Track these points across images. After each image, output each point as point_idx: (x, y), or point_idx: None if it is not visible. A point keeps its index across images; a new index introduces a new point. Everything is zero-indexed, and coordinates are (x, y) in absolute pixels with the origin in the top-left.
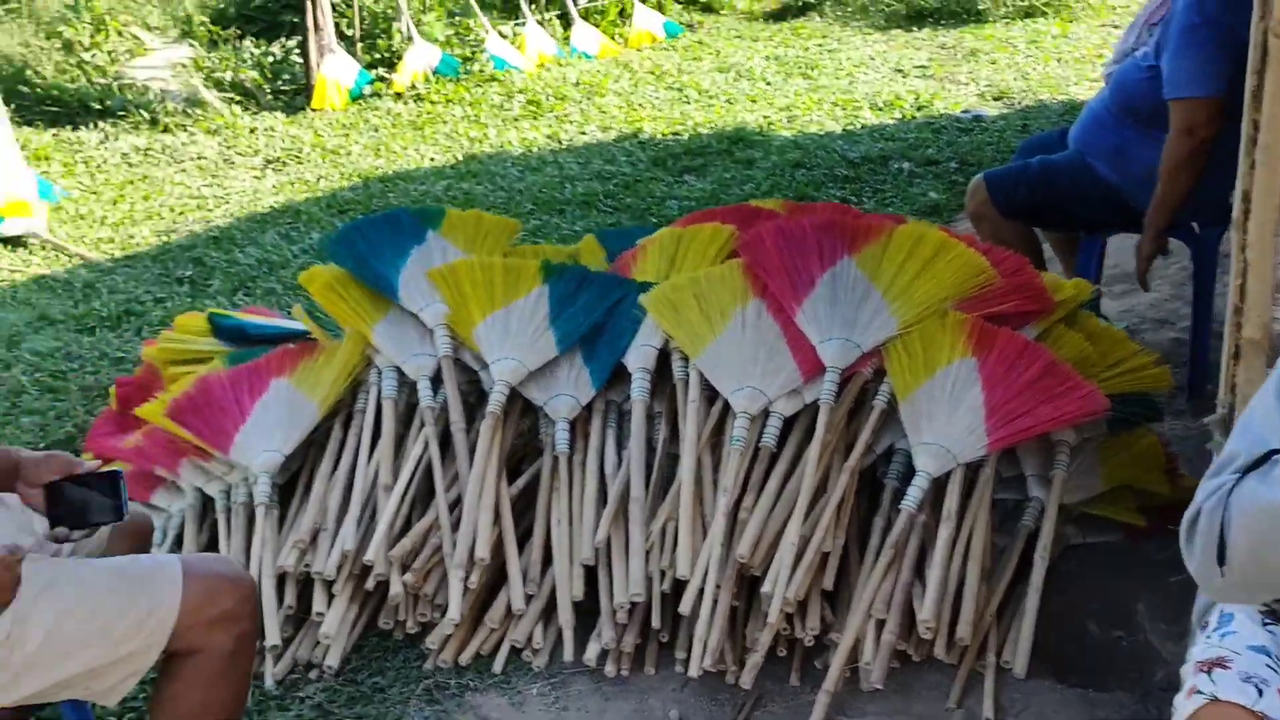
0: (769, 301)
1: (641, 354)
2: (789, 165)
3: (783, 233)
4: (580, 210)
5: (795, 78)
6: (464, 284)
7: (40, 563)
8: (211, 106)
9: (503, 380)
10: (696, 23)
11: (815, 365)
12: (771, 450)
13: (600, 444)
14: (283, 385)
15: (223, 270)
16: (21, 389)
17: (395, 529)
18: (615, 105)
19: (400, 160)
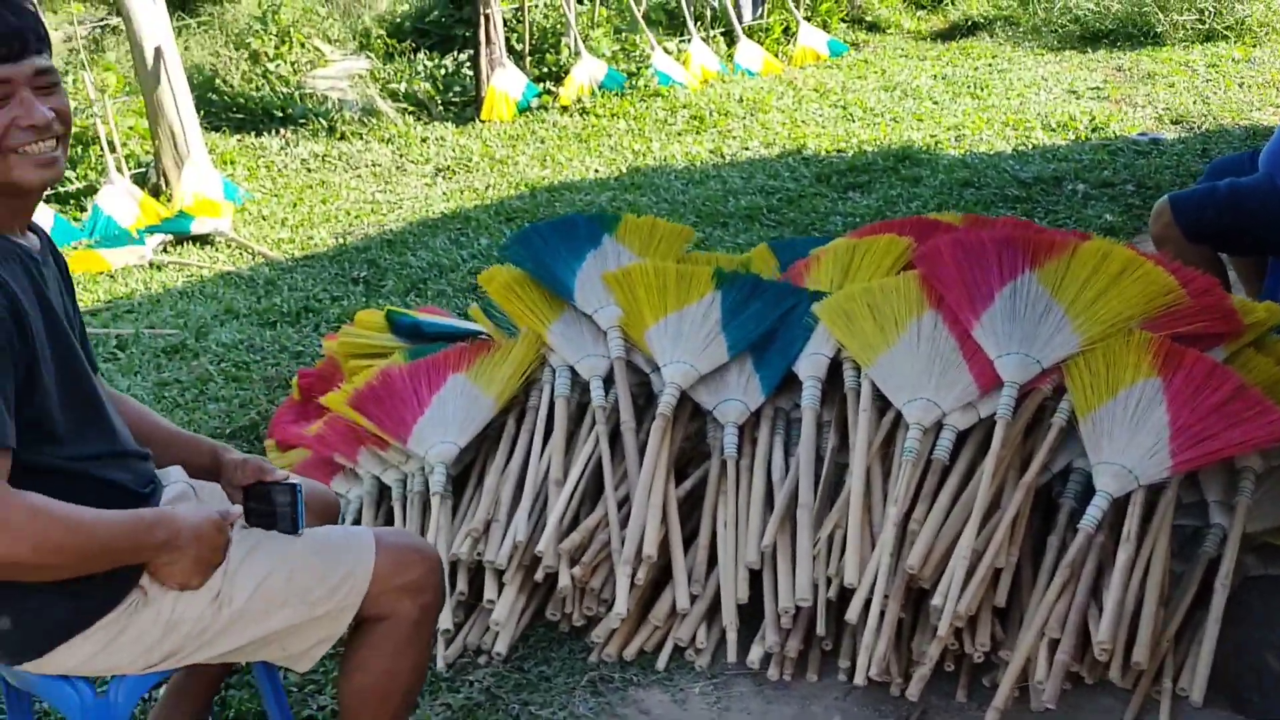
0: (945, 314)
1: (813, 362)
2: (957, 184)
3: (961, 245)
4: (743, 224)
5: (963, 97)
6: (638, 288)
7: (245, 531)
8: (386, 116)
9: (674, 383)
10: (861, 41)
11: (992, 380)
12: (944, 463)
13: (768, 450)
14: (460, 380)
15: (395, 272)
16: (209, 377)
17: (565, 523)
18: (779, 122)
19: (566, 171)
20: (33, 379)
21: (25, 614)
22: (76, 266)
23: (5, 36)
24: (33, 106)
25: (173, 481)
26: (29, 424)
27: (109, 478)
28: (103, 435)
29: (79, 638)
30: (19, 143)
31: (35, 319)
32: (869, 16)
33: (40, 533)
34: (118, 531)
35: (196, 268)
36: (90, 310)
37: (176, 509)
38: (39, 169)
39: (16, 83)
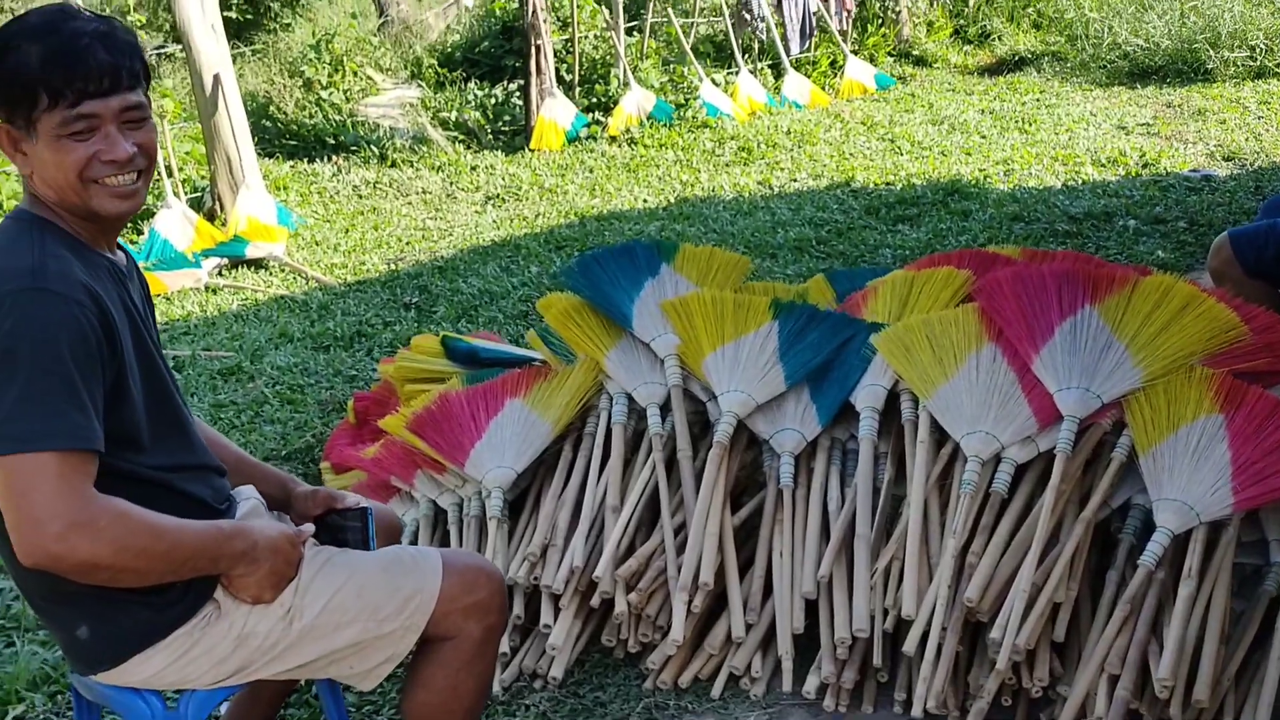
0: (1004, 347)
1: (870, 393)
2: (1007, 218)
3: (1021, 279)
4: (792, 255)
5: (1011, 132)
6: (695, 316)
7: (316, 548)
8: (436, 144)
9: (730, 412)
10: (908, 75)
11: (1051, 414)
12: (1002, 496)
13: (824, 480)
14: (517, 405)
15: (446, 298)
16: (264, 400)
17: (621, 549)
18: (826, 154)
19: (614, 200)
20: (121, 388)
21: (103, 623)
22: None
23: (96, 72)
24: (116, 142)
25: (246, 498)
26: (116, 432)
27: (189, 490)
28: (184, 448)
29: (154, 648)
30: (99, 175)
31: (124, 331)
32: (916, 51)
33: (124, 536)
34: (198, 540)
35: (251, 291)
36: None
37: (253, 522)
38: (117, 200)
39: (103, 118)
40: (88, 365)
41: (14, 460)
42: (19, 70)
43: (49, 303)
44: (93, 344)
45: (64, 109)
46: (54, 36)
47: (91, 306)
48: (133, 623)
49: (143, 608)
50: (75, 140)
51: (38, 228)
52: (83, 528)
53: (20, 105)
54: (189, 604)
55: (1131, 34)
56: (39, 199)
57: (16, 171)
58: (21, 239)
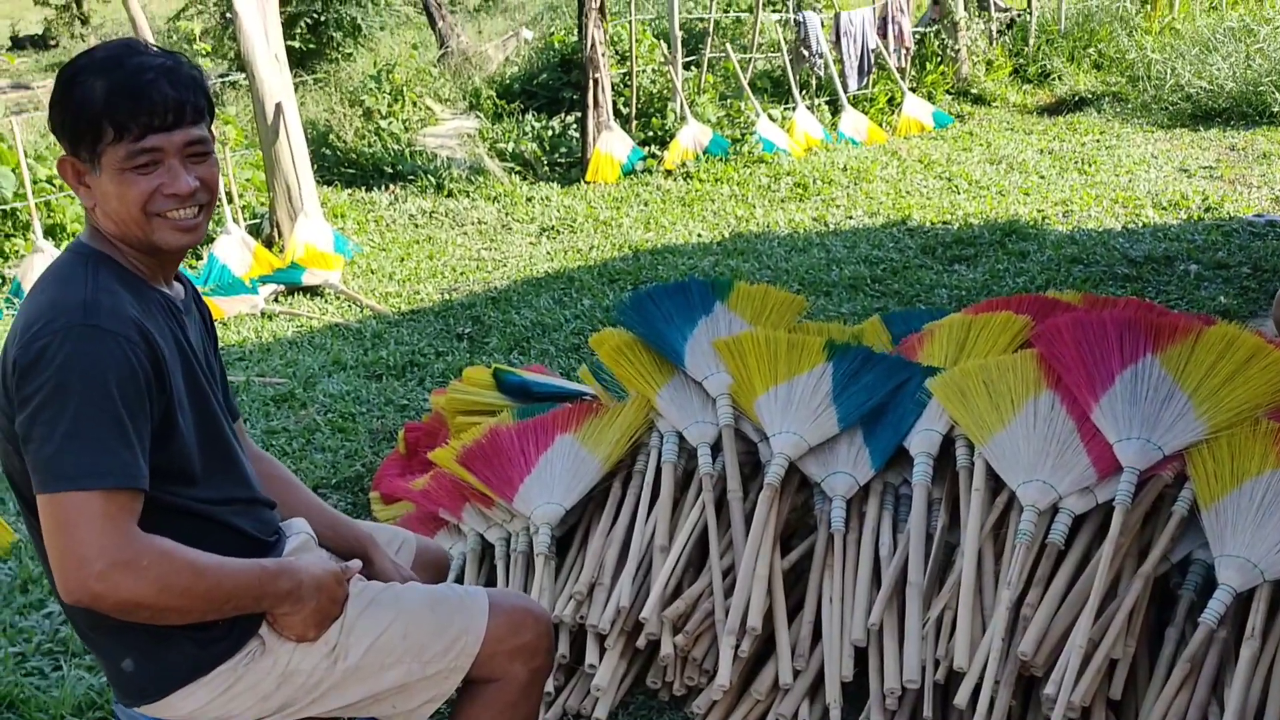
0: (1063, 394)
1: (925, 438)
2: (1065, 260)
3: (1081, 325)
4: (847, 293)
5: (1070, 172)
6: (748, 356)
7: (364, 584)
8: (493, 175)
9: (782, 453)
10: (966, 114)
11: (1111, 464)
12: (1059, 548)
13: (876, 525)
14: (567, 441)
15: (499, 329)
16: (316, 427)
17: (668, 590)
18: (882, 191)
19: (669, 234)
20: (170, 425)
21: (148, 656)
22: None
23: (160, 107)
24: (179, 176)
25: (296, 532)
26: (164, 466)
27: (237, 523)
28: (234, 481)
29: (198, 683)
30: (163, 209)
31: (175, 367)
32: (974, 89)
33: (166, 575)
34: (242, 579)
35: (306, 318)
36: None
37: (299, 560)
38: (179, 234)
39: (167, 152)
40: (136, 403)
41: (61, 498)
42: (85, 104)
43: (100, 340)
44: (141, 381)
45: (128, 143)
46: (119, 71)
47: (141, 344)
48: (178, 657)
49: (188, 642)
50: (139, 174)
51: (94, 262)
52: (125, 566)
53: (85, 138)
54: (234, 640)
55: (1195, 76)
56: (99, 232)
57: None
58: (76, 273)
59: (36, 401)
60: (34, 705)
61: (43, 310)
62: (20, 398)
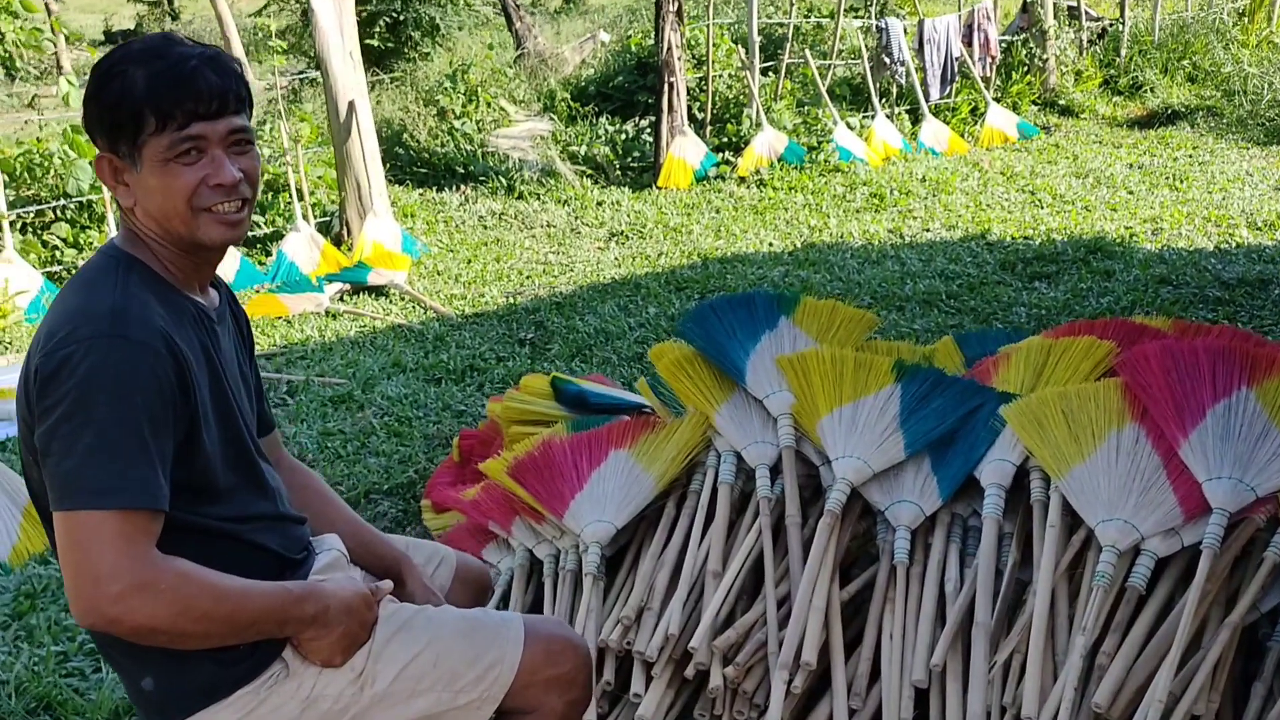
0: (1149, 428)
1: (997, 469)
2: (1153, 280)
3: (1171, 354)
4: (920, 309)
5: (1161, 188)
6: (813, 374)
7: (395, 606)
8: (564, 178)
9: (844, 479)
10: (1053, 125)
11: (1199, 504)
12: (1140, 592)
13: (942, 558)
14: (622, 457)
15: (562, 336)
16: (372, 430)
17: (720, 618)
18: (962, 204)
19: (739, 243)
20: (194, 440)
21: (169, 676)
22: (257, 310)
23: (205, 94)
24: (223, 165)
25: (327, 549)
26: (186, 483)
27: (261, 541)
28: (260, 497)
29: (219, 704)
30: (208, 202)
31: (201, 381)
32: (1062, 100)
33: (185, 599)
34: (265, 604)
35: (370, 318)
36: (266, 354)
37: (326, 583)
38: (224, 228)
39: (210, 140)
40: (160, 418)
41: (77, 516)
42: (126, 94)
43: (125, 351)
44: (166, 395)
45: (172, 131)
46: (160, 61)
47: (168, 356)
48: (198, 678)
49: (209, 662)
50: (183, 164)
51: (124, 266)
52: (142, 589)
53: (125, 131)
54: (256, 662)
55: None
56: (135, 234)
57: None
58: (106, 277)
59: (57, 414)
60: (70, 708)
61: (69, 317)
62: (41, 409)
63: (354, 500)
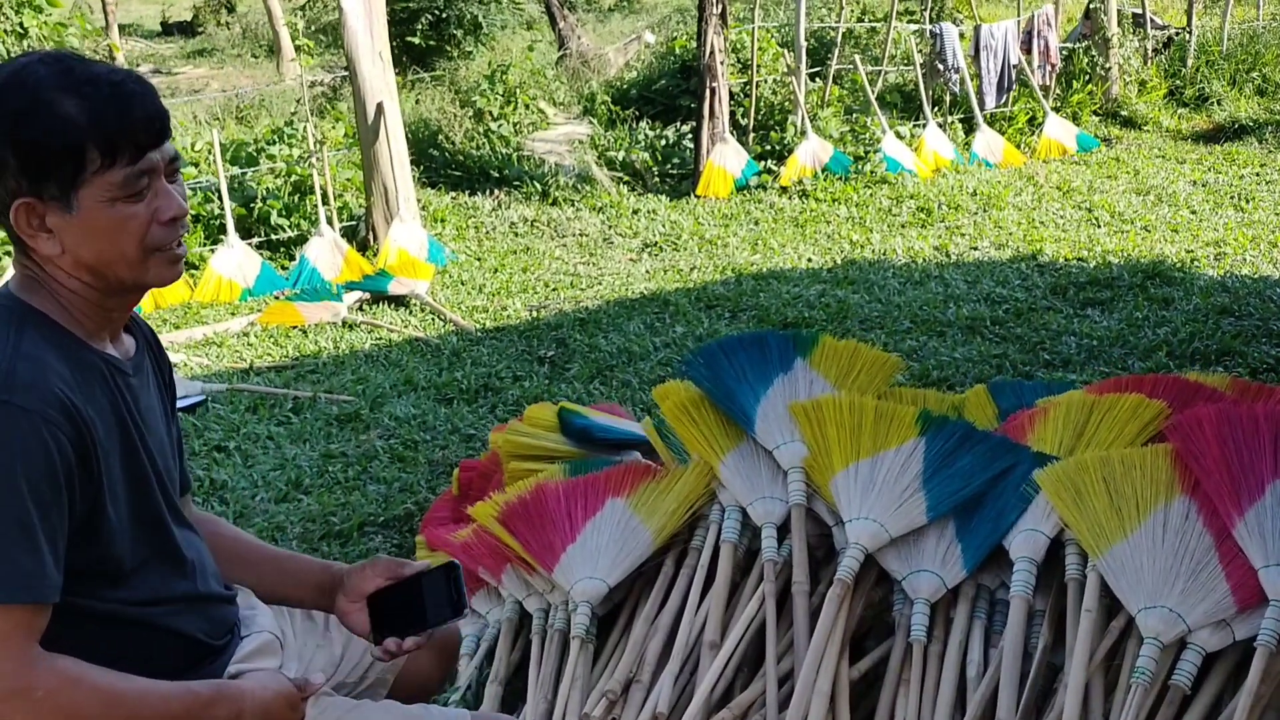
0: (1201, 502)
1: (1028, 540)
2: (1214, 311)
3: (1228, 419)
4: (963, 335)
5: (1226, 208)
6: (828, 424)
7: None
8: (600, 185)
9: (858, 544)
10: (1114, 137)
11: (1254, 594)
12: (1185, 691)
13: (964, 636)
14: (619, 506)
15: (583, 355)
16: (374, 454)
17: (715, 695)
18: (1013, 220)
19: (777, 258)
20: (97, 517)
21: None
22: (273, 319)
23: (152, 122)
24: (171, 197)
25: (256, 630)
26: (87, 567)
27: (177, 627)
28: (177, 575)
29: None
30: (160, 241)
31: (109, 449)
32: (1125, 111)
33: (69, 706)
34: (166, 710)
35: (387, 330)
36: (275, 366)
37: (243, 681)
38: (172, 268)
39: (158, 170)
40: (50, 498)
41: None
42: (62, 128)
43: (10, 420)
44: (60, 471)
45: (124, 166)
46: (89, 86)
47: (65, 424)
48: None
49: None
50: (131, 202)
51: (17, 319)
52: (17, 696)
53: (59, 170)
54: None
55: None
56: (34, 281)
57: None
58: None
59: None
60: None
61: None
62: None
63: (347, 533)
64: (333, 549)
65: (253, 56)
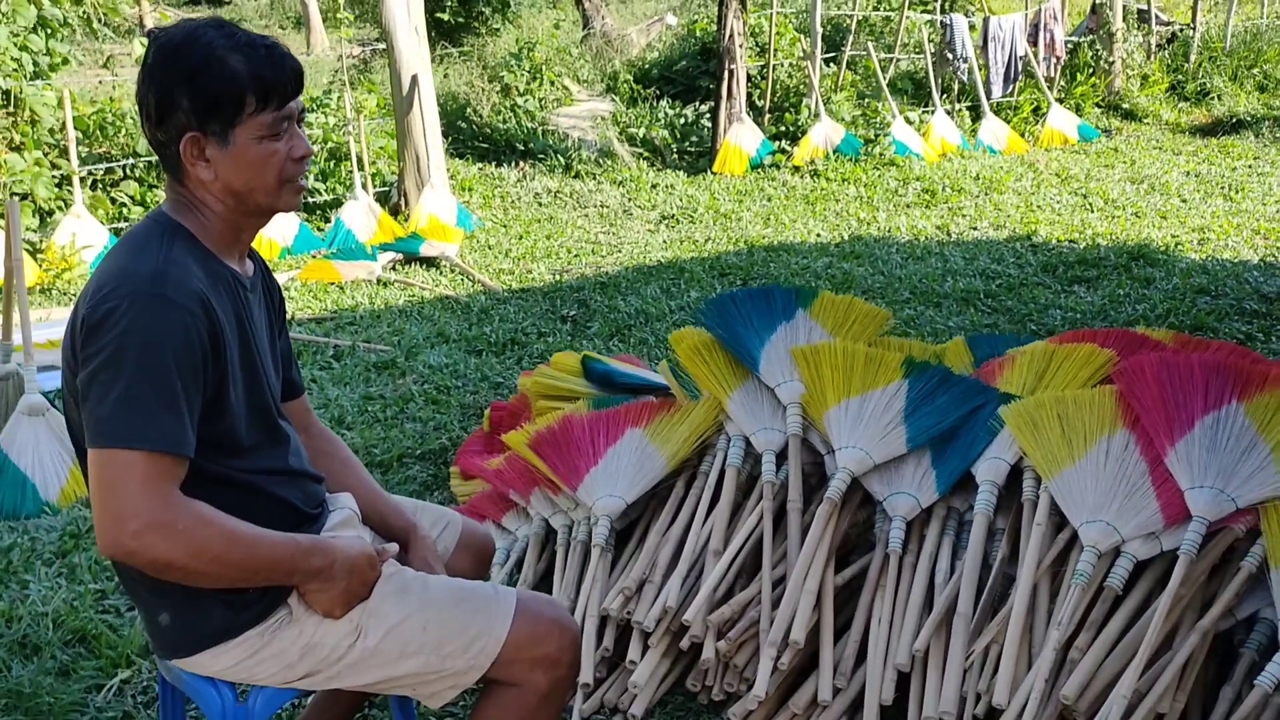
0: (1139, 435)
1: (992, 466)
2: (1191, 290)
3: (1166, 365)
4: (957, 306)
5: (1215, 198)
6: (824, 366)
7: (398, 567)
8: (621, 159)
9: (846, 468)
10: (1115, 129)
11: (1180, 511)
12: (1117, 592)
13: (935, 549)
14: (637, 435)
15: (603, 315)
16: (410, 397)
17: (718, 595)
18: (1012, 204)
19: (787, 232)
20: (222, 397)
21: (183, 614)
22: (312, 275)
23: (293, 76)
24: (302, 138)
25: (340, 507)
26: (213, 437)
27: (280, 494)
28: (280, 454)
29: (227, 644)
30: (292, 174)
31: (232, 343)
32: (1126, 103)
33: (201, 541)
34: (275, 553)
35: (419, 288)
36: (316, 318)
37: (335, 539)
38: (297, 196)
39: (294, 116)
40: (190, 374)
41: (106, 454)
42: (230, 77)
43: (163, 310)
44: (198, 354)
45: (272, 110)
46: (250, 48)
47: (203, 318)
48: (210, 618)
49: (220, 605)
50: (275, 141)
51: (169, 233)
52: (160, 528)
53: (223, 111)
54: (264, 607)
55: None
56: (185, 204)
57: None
58: (151, 243)
59: (97, 362)
60: (104, 642)
61: (115, 275)
62: (84, 356)
63: (387, 463)
64: (375, 477)
65: (280, 28)
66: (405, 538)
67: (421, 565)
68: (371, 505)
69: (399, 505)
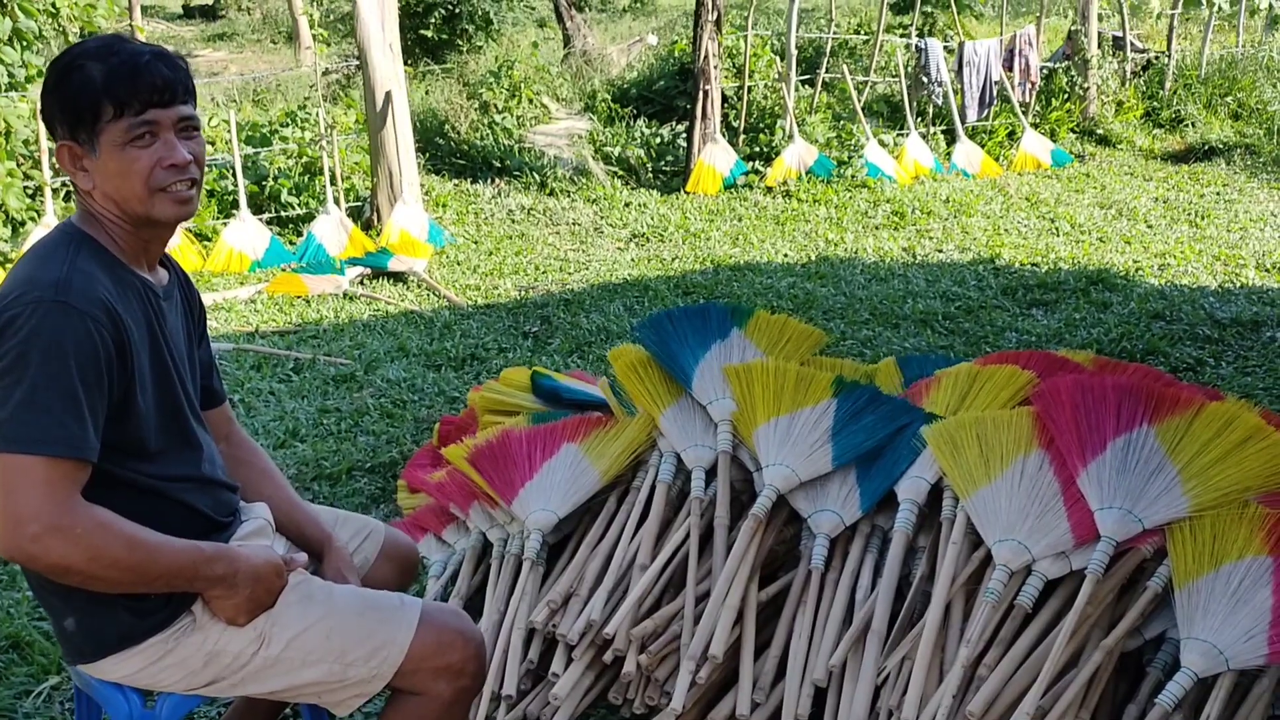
0: (1053, 456)
1: (913, 485)
2: (1147, 315)
3: (1081, 388)
4: (915, 328)
5: (1180, 224)
6: (755, 385)
7: (305, 576)
8: (595, 178)
9: (772, 485)
10: (1088, 154)
11: (1090, 531)
12: (1026, 610)
13: (857, 566)
14: (572, 450)
15: (565, 331)
16: (366, 411)
17: (642, 609)
18: (980, 227)
19: (755, 252)
20: (129, 401)
21: (89, 619)
22: (278, 288)
23: (160, 86)
24: (175, 147)
25: (254, 517)
26: (120, 441)
27: (189, 501)
28: (191, 461)
29: (131, 650)
30: (163, 182)
31: (141, 350)
32: (1101, 129)
33: (100, 545)
34: (176, 559)
35: (385, 303)
36: (280, 330)
37: (241, 547)
38: (176, 206)
39: (164, 125)
40: (94, 379)
41: (6, 459)
42: (85, 86)
43: (65, 316)
44: (102, 360)
45: (129, 117)
46: (115, 57)
47: (107, 324)
48: (114, 624)
49: (125, 611)
50: (138, 147)
51: (76, 242)
52: (59, 532)
53: (84, 120)
54: (168, 613)
55: None
56: (90, 215)
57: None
58: (57, 252)
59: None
60: (37, 649)
61: (20, 283)
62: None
63: (336, 475)
64: (323, 489)
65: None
66: (320, 548)
67: (335, 576)
68: (288, 515)
69: (316, 516)
